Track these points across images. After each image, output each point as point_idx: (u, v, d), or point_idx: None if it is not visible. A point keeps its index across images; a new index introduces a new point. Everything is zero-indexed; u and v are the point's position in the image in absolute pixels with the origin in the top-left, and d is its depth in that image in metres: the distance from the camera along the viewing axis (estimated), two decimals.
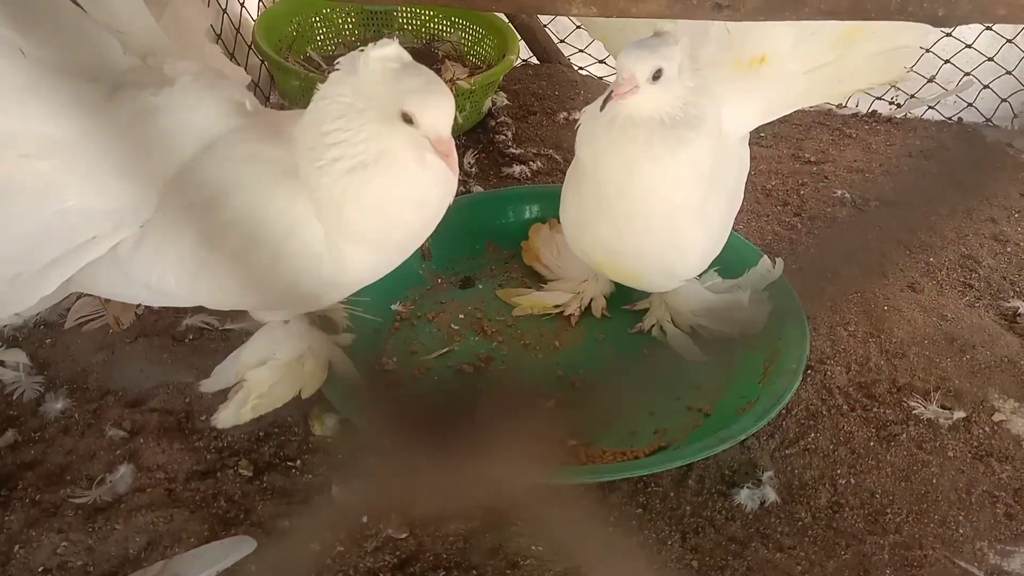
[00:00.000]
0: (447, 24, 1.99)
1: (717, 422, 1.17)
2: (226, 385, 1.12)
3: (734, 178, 1.23)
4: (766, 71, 1.15)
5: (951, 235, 1.60)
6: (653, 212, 1.13)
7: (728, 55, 1.15)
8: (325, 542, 1.02)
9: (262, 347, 1.13)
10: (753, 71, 1.15)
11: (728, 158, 1.20)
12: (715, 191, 1.16)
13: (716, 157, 1.12)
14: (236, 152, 1.00)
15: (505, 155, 1.77)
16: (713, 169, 1.12)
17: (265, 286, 1.04)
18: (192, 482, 1.09)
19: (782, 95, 1.20)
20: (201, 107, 1.01)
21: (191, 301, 1.08)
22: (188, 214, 0.98)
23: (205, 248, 0.99)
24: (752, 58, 1.15)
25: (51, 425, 1.15)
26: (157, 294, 1.04)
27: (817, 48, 1.14)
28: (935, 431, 1.21)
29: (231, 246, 0.99)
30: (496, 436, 0.96)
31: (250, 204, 0.98)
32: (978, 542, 1.08)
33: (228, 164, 0.99)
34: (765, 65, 1.15)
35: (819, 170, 1.78)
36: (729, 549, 1.05)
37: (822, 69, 1.17)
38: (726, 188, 1.21)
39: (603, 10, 0.99)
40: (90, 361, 1.24)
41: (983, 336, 1.37)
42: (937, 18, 0.93)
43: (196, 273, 1.01)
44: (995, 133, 1.96)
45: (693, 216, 1.15)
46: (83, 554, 1.00)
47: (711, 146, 1.11)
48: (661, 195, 1.11)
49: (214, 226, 0.98)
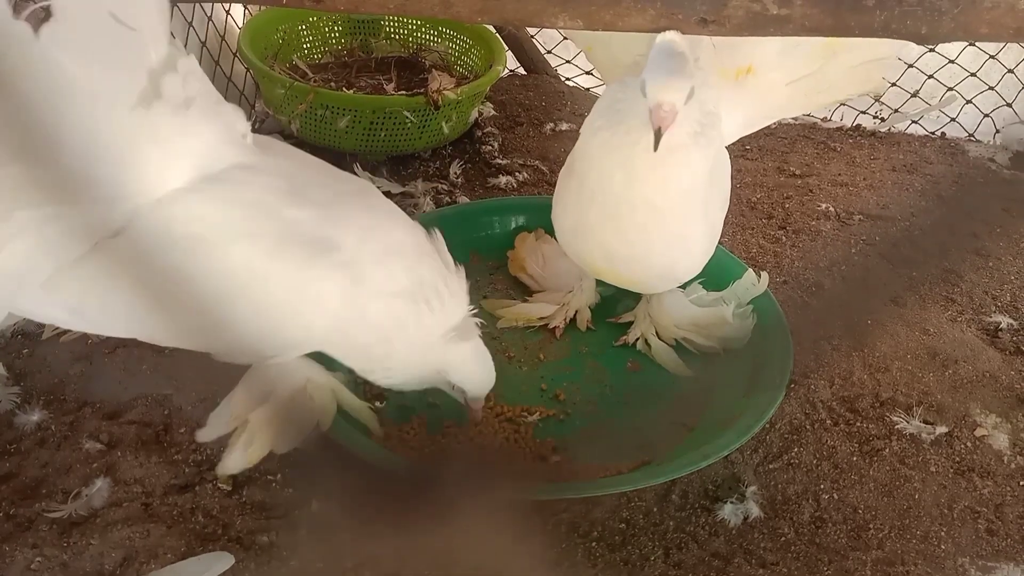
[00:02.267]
0: (434, 34, 1.98)
1: (701, 437, 1.16)
2: (224, 432, 1.08)
3: (725, 177, 1.23)
4: (751, 82, 1.16)
5: (933, 249, 1.61)
6: (665, 217, 1.12)
7: (714, 65, 1.15)
8: (304, 558, 1.01)
9: (256, 386, 1.10)
10: (739, 82, 1.16)
11: (721, 157, 1.21)
12: (713, 190, 1.17)
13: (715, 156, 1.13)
14: (241, 198, 0.93)
15: (491, 166, 1.77)
16: (712, 168, 1.13)
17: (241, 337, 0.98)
18: (169, 496, 1.08)
19: (764, 106, 1.21)
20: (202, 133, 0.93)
21: (129, 334, 0.96)
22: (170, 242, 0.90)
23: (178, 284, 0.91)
24: (739, 69, 1.15)
25: (27, 437, 1.13)
26: (85, 321, 0.94)
27: (800, 59, 1.15)
28: (917, 446, 1.22)
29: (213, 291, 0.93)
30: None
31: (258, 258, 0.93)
32: (960, 558, 1.08)
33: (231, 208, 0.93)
34: (751, 76, 1.15)
35: (804, 183, 1.79)
36: (712, 565, 1.05)
37: (803, 80, 1.18)
38: (720, 186, 1.21)
39: (589, 23, 0.99)
40: (67, 372, 1.22)
41: (965, 351, 1.37)
42: (920, 36, 0.93)
43: (152, 308, 0.92)
44: (977, 148, 1.97)
45: (699, 217, 1.16)
46: (57, 570, 0.98)
47: (717, 146, 1.11)
48: (673, 200, 1.11)
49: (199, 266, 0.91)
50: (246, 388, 1.10)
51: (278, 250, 0.94)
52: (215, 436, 1.08)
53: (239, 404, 1.09)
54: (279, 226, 0.94)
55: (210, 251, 0.91)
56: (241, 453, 1.07)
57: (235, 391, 1.10)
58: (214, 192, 0.92)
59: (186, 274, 0.91)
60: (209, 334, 0.97)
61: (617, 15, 0.98)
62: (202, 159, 0.92)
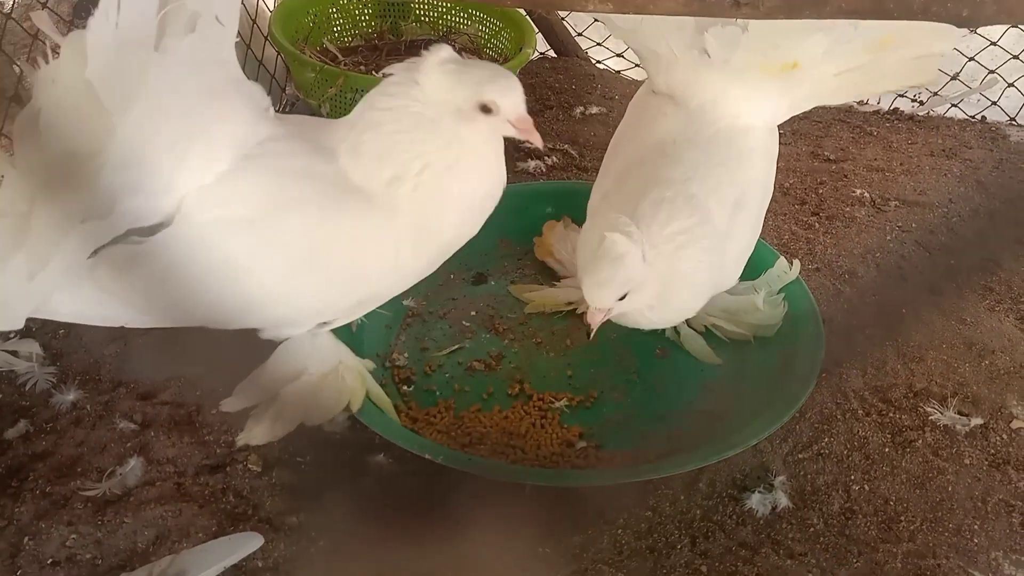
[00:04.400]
0: (464, 17, 1.97)
1: (729, 425, 1.15)
2: (251, 403, 1.10)
3: (760, 184, 1.20)
4: (797, 75, 1.15)
5: (972, 237, 1.58)
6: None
7: (757, 60, 1.13)
8: (333, 539, 1.02)
9: (290, 362, 1.11)
10: (784, 75, 1.15)
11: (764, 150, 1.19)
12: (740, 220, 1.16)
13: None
14: (285, 167, 0.96)
15: (520, 150, 1.75)
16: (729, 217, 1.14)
17: (312, 306, 1.03)
18: (201, 476, 1.09)
19: (811, 93, 1.20)
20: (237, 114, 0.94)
21: (202, 322, 1.01)
22: (224, 229, 0.92)
23: (241, 268, 0.94)
24: (784, 64, 1.14)
25: (63, 416, 1.16)
26: (153, 317, 0.97)
27: (851, 53, 1.13)
28: (951, 438, 1.20)
29: (279, 267, 0.96)
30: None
31: (315, 222, 0.96)
32: (993, 552, 1.06)
33: (280, 179, 0.95)
34: (798, 70, 1.14)
35: (838, 168, 1.76)
36: (739, 555, 1.04)
37: (853, 71, 1.16)
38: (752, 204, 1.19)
39: (619, 6, 0.97)
40: (102, 353, 1.24)
41: (1002, 341, 1.34)
42: (961, 19, 0.90)
43: (221, 295, 0.95)
44: (1019, 133, 1.92)
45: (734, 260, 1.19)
46: (92, 547, 1.01)
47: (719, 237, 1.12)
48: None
49: (260, 245, 0.94)
50: (277, 363, 1.12)
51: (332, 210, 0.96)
52: (241, 407, 1.10)
53: (269, 378, 1.11)
54: (329, 187, 0.96)
55: (272, 226, 0.94)
56: (268, 426, 1.08)
57: (265, 365, 1.12)
58: (257, 169, 0.94)
59: (246, 252, 0.94)
60: (267, 310, 1.01)
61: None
62: (239, 139, 0.94)
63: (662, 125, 1.19)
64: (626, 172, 1.17)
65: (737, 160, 1.16)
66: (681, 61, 1.16)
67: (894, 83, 1.21)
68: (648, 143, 1.18)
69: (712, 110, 1.17)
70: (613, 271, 1.04)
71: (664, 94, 1.20)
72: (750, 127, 1.18)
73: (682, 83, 1.18)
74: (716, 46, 1.12)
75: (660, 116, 1.20)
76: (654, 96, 1.23)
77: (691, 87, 1.17)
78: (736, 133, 1.16)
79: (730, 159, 1.15)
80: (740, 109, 1.17)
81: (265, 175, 0.95)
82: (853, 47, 1.12)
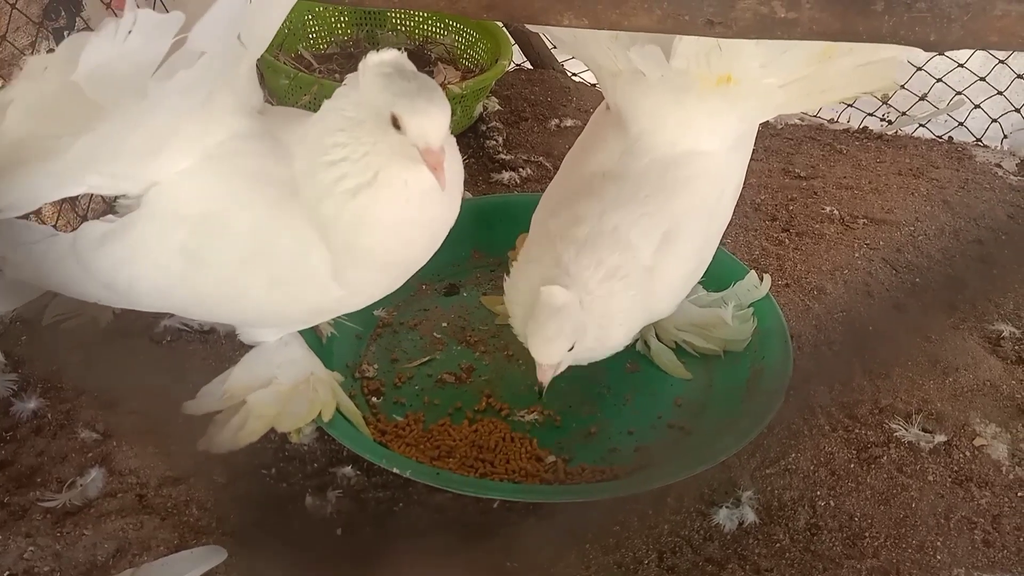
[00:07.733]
0: (441, 26, 1.97)
1: (698, 440, 1.16)
2: (213, 408, 1.08)
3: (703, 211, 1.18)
4: (736, 89, 1.13)
5: (937, 255, 1.60)
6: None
7: (696, 71, 1.12)
8: (298, 553, 1.01)
9: (259, 369, 1.10)
10: (722, 89, 1.14)
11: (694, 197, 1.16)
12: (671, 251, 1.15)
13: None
14: (240, 167, 0.96)
15: (495, 161, 1.76)
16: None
17: (261, 307, 1.02)
18: (164, 488, 1.08)
19: (760, 105, 1.19)
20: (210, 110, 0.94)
21: (160, 308, 1.05)
22: (179, 222, 0.95)
23: (193, 261, 0.96)
24: (719, 77, 1.13)
25: (23, 425, 1.13)
26: (119, 296, 1.00)
27: (792, 64, 1.12)
28: (916, 454, 1.21)
29: (226, 264, 0.97)
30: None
31: (253, 227, 0.96)
32: (955, 569, 1.07)
33: (231, 180, 0.96)
34: (733, 84, 1.13)
35: (808, 185, 1.78)
36: (706, 570, 1.05)
37: (800, 82, 1.15)
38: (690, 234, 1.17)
39: (595, 22, 0.98)
40: (65, 360, 1.22)
41: (966, 359, 1.36)
42: (929, 43, 0.92)
43: (174, 283, 0.98)
44: (985, 153, 1.96)
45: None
46: (50, 559, 0.98)
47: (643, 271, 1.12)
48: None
49: (209, 241, 0.95)
50: (246, 369, 1.11)
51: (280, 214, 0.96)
52: (204, 411, 1.09)
53: (236, 384, 1.10)
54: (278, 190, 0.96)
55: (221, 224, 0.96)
56: (232, 433, 1.07)
57: (232, 371, 1.11)
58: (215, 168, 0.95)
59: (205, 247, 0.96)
60: (218, 307, 1.03)
61: (623, 14, 0.97)
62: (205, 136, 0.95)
63: (598, 155, 1.18)
64: (563, 202, 1.17)
65: (671, 190, 1.14)
66: (623, 74, 1.15)
67: (848, 91, 1.20)
68: (583, 174, 1.18)
69: (649, 138, 1.15)
70: (559, 325, 1.03)
71: (615, 111, 1.20)
72: (691, 153, 1.15)
73: (624, 99, 1.17)
74: (642, 64, 1.10)
75: (600, 143, 1.19)
76: (606, 114, 1.22)
77: (632, 107, 1.16)
78: (671, 162, 1.14)
79: (662, 190, 1.13)
80: (676, 136, 1.15)
81: (218, 175, 0.96)
82: (793, 58, 1.10)
